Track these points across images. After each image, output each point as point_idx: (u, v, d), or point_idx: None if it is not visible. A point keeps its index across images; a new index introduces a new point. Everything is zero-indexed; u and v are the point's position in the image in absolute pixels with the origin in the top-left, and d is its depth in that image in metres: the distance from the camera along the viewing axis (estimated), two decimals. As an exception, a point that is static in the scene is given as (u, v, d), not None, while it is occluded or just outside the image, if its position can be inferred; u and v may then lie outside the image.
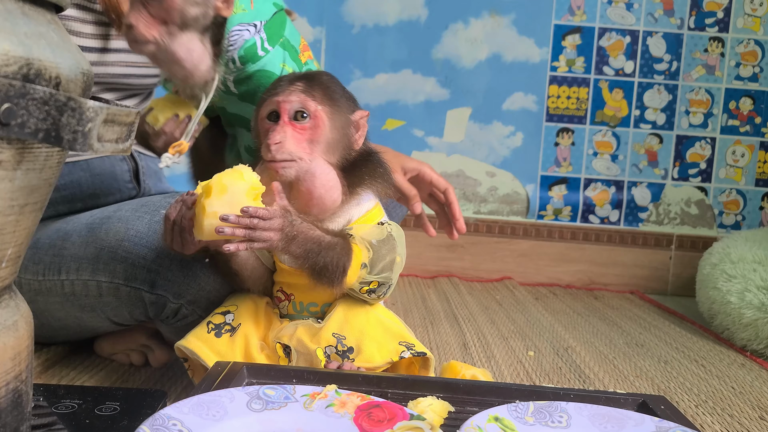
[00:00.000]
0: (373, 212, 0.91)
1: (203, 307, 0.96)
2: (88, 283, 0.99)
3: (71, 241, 1.01)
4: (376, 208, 0.92)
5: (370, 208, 0.91)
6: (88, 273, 0.98)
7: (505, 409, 0.69)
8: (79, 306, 1.02)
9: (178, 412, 0.63)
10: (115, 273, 0.96)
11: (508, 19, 2.14)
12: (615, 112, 2.17)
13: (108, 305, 1.00)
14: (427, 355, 0.89)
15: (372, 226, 0.89)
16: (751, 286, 1.56)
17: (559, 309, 1.82)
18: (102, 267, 0.97)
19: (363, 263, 0.85)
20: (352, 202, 0.89)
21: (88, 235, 1.00)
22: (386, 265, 0.87)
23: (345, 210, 0.89)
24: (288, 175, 0.84)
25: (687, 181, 2.20)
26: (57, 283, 1.02)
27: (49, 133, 0.45)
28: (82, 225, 1.03)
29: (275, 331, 0.89)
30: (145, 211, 0.97)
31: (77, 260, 0.99)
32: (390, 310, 0.96)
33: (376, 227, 0.89)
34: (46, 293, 1.03)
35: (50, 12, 0.54)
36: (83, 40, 1.11)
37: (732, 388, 1.24)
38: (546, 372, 1.26)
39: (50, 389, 0.86)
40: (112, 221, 0.99)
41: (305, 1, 2.11)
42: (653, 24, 2.15)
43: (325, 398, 0.69)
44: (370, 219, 0.90)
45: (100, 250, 0.97)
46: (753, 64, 2.15)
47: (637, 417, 0.71)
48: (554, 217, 2.20)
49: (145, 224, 0.96)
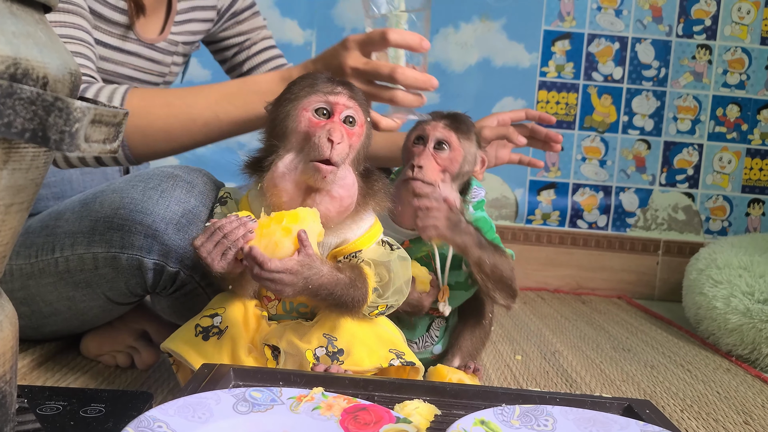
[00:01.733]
0: (375, 228, 0.91)
1: (200, 272, 0.96)
2: (84, 257, 0.99)
3: (64, 218, 1.02)
4: (376, 224, 0.92)
5: (372, 224, 0.91)
6: (84, 246, 0.98)
7: (491, 413, 0.69)
8: (74, 283, 1.01)
9: (164, 414, 0.62)
10: (112, 242, 0.96)
11: (498, 24, 2.15)
12: (603, 117, 2.19)
13: (104, 278, 0.99)
14: (416, 365, 0.89)
15: (377, 248, 0.89)
16: (736, 291, 1.57)
17: (546, 313, 1.83)
18: (98, 238, 0.97)
19: (374, 288, 0.87)
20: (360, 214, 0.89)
21: (82, 210, 1.00)
22: (397, 289, 0.89)
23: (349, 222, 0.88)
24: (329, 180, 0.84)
25: (674, 187, 2.21)
26: (51, 261, 1.01)
27: (36, 133, 0.45)
28: (75, 202, 1.03)
29: (263, 334, 0.89)
30: (139, 180, 0.98)
31: (72, 236, 0.99)
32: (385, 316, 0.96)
33: (383, 250, 0.89)
34: (38, 275, 1.03)
35: (38, 12, 0.54)
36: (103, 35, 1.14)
37: (717, 393, 1.24)
38: (533, 376, 1.26)
39: (35, 391, 0.85)
40: (105, 193, 0.99)
41: (296, 4, 2.11)
42: (642, 31, 2.16)
43: (312, 401, 0.69)
44: (373, 235, 0.90)
45: (96, 222, 0.97)
46: (740, 72, 2.17)
47: (622, 421, 0.71)
48: (543, 221, 2.21)
49: (140, 191, 0.96)
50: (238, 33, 1.42)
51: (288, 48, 1.60)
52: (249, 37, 1.43)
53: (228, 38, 1.42)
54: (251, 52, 1.44)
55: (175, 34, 1.28)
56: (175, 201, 0.95)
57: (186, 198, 0.95)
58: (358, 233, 0.89)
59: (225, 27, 1.41)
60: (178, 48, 1.31)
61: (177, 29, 1.28)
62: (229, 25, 1.41)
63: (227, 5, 1.37)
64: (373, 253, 0.88)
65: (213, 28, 1.39)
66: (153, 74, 1.30)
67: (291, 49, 1.51)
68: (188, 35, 1.32)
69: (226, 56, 1.45)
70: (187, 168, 1.00)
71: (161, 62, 1.29)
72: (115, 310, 1.07)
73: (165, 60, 1.30)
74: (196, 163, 1.56)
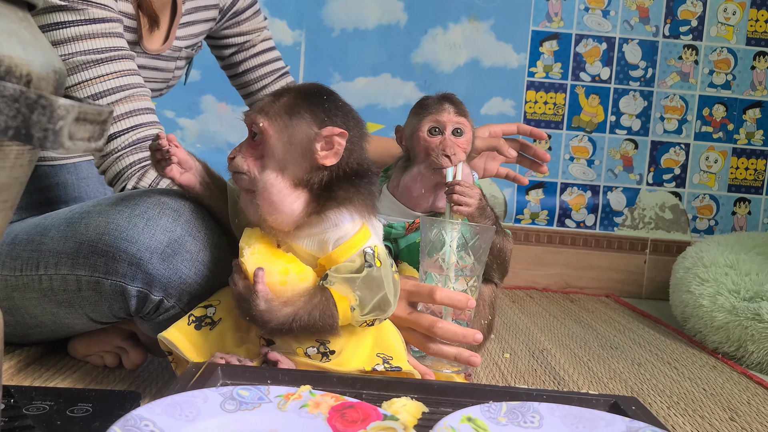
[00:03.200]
0: (357, 238, 0.87)
1: (185, 301, 0.95)
2: (67, 278, 0.98)
3: (50, 236, 1.01)
4: (361, 231, 0.88)
5: (355, 231, 0.87)
6: (68, 267, 0.98)
7: (478, 410, 0.69)
8: (57, 302, 1.01)
9: (151, 413, 0.62)
10: (96, 267, 0.95)
11: (486, 24, 2.16)
12: (591, 117, 2.20)
13: (87, 300, 0.99)
14: (402, 370, 0.89)
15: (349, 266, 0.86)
16: (722, 289, 1.58)
17: (535, 312, 1.84)
18: (82, 261, 0.96)
19: (351, 306, 0.85)
20: (325, 224, 0.87)
21: (67, 230, 0.99)
22: (376, 304, 0.86)
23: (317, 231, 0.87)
24: (245, 185, 0.88)
25: (661, 186, 2.23)
26: (35, 278, 1.01)
27: (19, 131, 0.45)
28: (60, 220, 1.02)
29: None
30: (126, 205, 0.97)
31: (56, 255, 0.99)
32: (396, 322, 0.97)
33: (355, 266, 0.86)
34: (22, 289, 1.02)
35: (22, 10, 0.54)
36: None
37: (703, 390, 1.25)
38: (521, 374, 1.27)
39: (22, 391, 0.85)
40: (92, 215, 0.98)
41: (285, 5, 2.11)
42: (629, 31, 2.17)
43: (299, 399, 0.69)
44: (353, 245, 0.87)
45: (80, 244, 0.97)
46: (726, 72, 2.19)
47: (608, 417, 0.71)
48: (531, 221, 2.22)
49: (126, 218, 0.95)
50: (238, 33, 1.42)
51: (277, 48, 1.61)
52: (249, 39, 1.43)
53: (228, 37, 1.42)
54: (249, 53, 1.44)
55: (178, 40, 1.28)
56: (160, 230, 0.93)
57: (172, 227, 0.94)
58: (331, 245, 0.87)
59: (226, 26, 1.41)
60: (182, 53, 1.32)
61: (180, 33, 1.28)
62: (230, 24, 1.41)
63: (229, 4, 1.37)
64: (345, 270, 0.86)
65: (215, 26, 1.38)
66: (157, 81, 1.30)
67: (280, 49, 1.51)
68: (191, 38, 1.32)
69: (224, 54, 1.45)
70: (175, 194, 0.98)
71: (165, 69, 1.30)
72: (100, 326, 1.07)
73: (169, 66, 1.30)
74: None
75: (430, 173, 1.12)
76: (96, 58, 1.06)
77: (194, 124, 2.13)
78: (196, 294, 0.96)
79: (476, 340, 1.01)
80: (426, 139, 1.13)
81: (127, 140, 1.07)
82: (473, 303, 1.00)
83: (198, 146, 2.12)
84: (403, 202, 1.16)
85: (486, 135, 1.34)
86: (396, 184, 1.17)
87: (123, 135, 1.07)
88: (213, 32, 1.40)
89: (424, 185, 1.13)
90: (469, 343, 1.01)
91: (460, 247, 1.01)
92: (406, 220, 1.14)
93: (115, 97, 1.07)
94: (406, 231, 1.13)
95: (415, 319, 1.00)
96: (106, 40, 1.07)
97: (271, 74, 1.46)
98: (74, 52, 1.05)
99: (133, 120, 1.08)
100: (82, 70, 1.05)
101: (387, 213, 1.14)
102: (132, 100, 1.08)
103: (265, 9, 2.08)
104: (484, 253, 1.04)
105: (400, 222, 1.13)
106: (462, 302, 0.99)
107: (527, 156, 1.38)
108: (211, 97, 2.11)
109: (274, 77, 1.47)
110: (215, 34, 1.41)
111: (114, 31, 1.09)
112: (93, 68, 1.06)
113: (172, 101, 2.06)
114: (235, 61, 1.44)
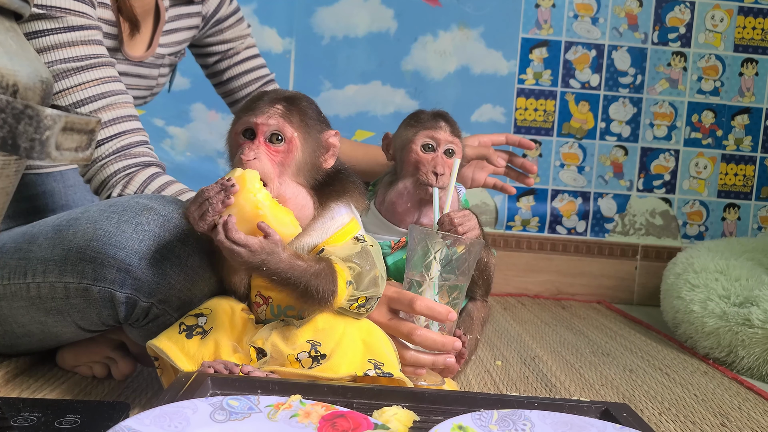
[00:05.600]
0: (349, 227, 0.93)
1: (174, 306, 0.95)
2: (55, 285, 0.97)
3: (37, 243, 1.00)
4: (352, 223, 0.93)
5: (345, 223, 0.92)
6: (55, 275, 0.97)
7: (470, 418, 0.69)
8: (45, 310, 1.00)
9: (140, 424, 0.62)
10: (84, 273, 0.95)
11: (476, 32, 2.16)
12: (581, 124, 2.21)
13: (75, 308, 0.98)
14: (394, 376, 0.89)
15: (344, 243, 0.91)
16: (713, 295, 1.59)
17: (526, 319, 1.84)
18: (70, 268, 0.96)
19: (348, 281, 0.88)
20: (326, 217, 0.91)
21: (55, 237, 0.99)
22: (371, 281, 0.90)
23: (319, 224, 0.91)
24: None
25: (652, 193, 2.24)
26: (22, 286, 1.00)
27: (6, 141, 0.44)
28: (48, 227, 1.01)
29: (250, 335, 0.90)
30: (113, 211, 0.96)
31: (44, 262, 0.98)
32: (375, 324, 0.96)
33: (350, 244, 0.91)
34: (10, 298, 1.01)
35: (9, 20, 0.53)
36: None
37: (695, 396, 1.26)
38: (513, 381, 1.26)
39: (9, 402, 0.84)
40: (79, 222, 0.97)
41: (275, 12, 2.11)
42: (618, 38, 2.19)
43: (290, 408, 0.68)
44: (347, 233, 0.92)
45: (68, 251, 0.96)
46: (714, 79, 2.20)
47: (599, 424, 0.71)
48: (522, 227, 2.22)
49: (114, 224, 0.94)
50: (221, 41, 1.42)
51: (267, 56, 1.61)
52: (232, 47, 1.43)
53: (211, 45, 1.42)
54: (233, 61, 1.44)
55: (161, 47, 1.28)
56: (149, 235, 0.93)
57: (160, 232, 0.94)
58: (329, 233, 0.91)
59: (209, 33, 1.40)
60: (165, 60, 1.31)
61: (163, 41, 1.27)
62: (213, 32, 1.41)
63: (212, 11, 1.37)
64: (339, 249, 0.90)
65: (198, 34, 1.38)
66: (141, 89, 1.30)
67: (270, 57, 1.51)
68: (174, 46, 1.32)
69: (208, 62, 1.45)
70: (163, 200, 0.98)
71: (148, 76, 1.29)
72: (88, 335, 1.06)
73: (152, 74, 1.30)
74: (176, 172, 1.56)
75: (416, 189, 1.13)
76: (76, 66, 1.06)
77: (184, 133, 2.12)
78: (186, 300, 0.95)
79: (455, 348, 1.01)
80: (419, 153, 1.13)
81: (112, 148, 1.06)
82: (454, 316, 0.99)
83: (188, 154, 2.12)
84: (388, 218, 1.16)
85: (476, 144, 1.34)
86: (382, 200, 1.18)
87: (107, 143, 1.06)
88: (196, 40, 1.40)
89: (410, 200, 1.14)
90: (448, 352, 1.01)
91: (444, 260, 1.01)
92: (392, 239, 1.14)
93: (98, 104, 1.07)
94: (392, 249, 1.13)
95: (395, 325, 0.99)
96: (85, 48, 1.07)
97: (256, 81, 1.46)
98: (54, 60, 1.05)
99: (117, 127, 1.07)
100: (63, 78, 1.06)
101: (373, 231, 1.14)
102: (115, 107, 1.08)
103: (255, 17, 2.08)
104: (470, 267, 1.04)
105: (386, 240, 1.13)
106: (442, 314, 0.99)
107: (514, 167, 1.39)
108: (201, 106, 2.11)
109: (259, 84, 1.47)
110: (198, 42, 1.41)
111: (93, 38, 1.09)
112: (74, 76, 1.06)
113: (161, 109, 2.05)
114: (219, 69, 1.44)
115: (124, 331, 1.04)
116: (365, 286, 0.90)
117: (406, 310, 1.00)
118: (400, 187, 1.15)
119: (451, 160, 1.13)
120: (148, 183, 1.07)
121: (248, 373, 0.84)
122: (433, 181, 1.11)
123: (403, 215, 1.15)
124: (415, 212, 1.14)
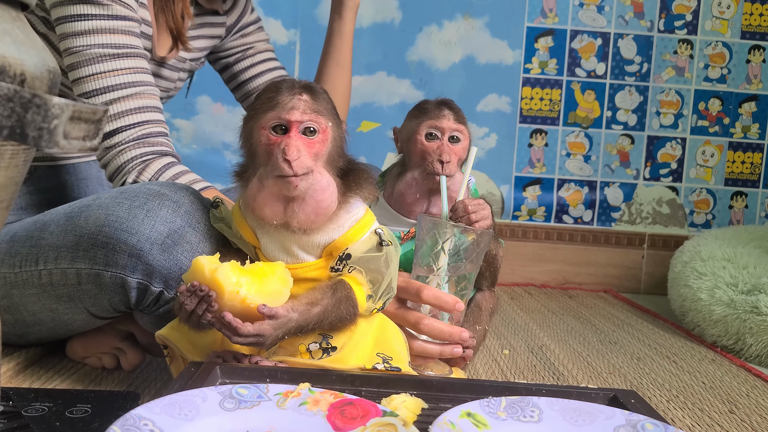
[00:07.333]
0: (365, 219, 0.91)
1: None
2: (67, 272, 0.98)
3: (49, 230, 1.01)
4: (367, 215, 0.92)
5: (362, 215, 0.91)
6: (67, 261, 0.98)
7: (478, 405, 0.69)
8: (56, 296, 1.01)
9: (150, 412, 0.62)
10: (96, 259, 0.95)
11: (481, 21, 2.16)
12: (587, 113, 2.20)
13: (87, 294, 0.98)
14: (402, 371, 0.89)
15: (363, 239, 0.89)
16: (720, 283, 1.58)
17: (533, 308, 1.84)
18: (82, 254, 0.96)
19: (368, 295, 0.88)
20: (344, 210, 0.90)
21: (66, 224, 0.99)
22: (387, 288, 0.90)
23: (338, 217, 0.89)
24: (302, 188, 0.84)
25: (658, 181, 2.23)
26: (34, 273, 1.00)
27: (14, 131, 0.45)
28: (60, 215, 1.02)
29: None
30: (125, 197, 0.97)
31: (55, 249, 0.99)
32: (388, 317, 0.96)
33: (373, 246, 0.89)
34: (22, 285, 1.02)
35: (16, 10, 0.53)
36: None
37: (702, 383, 1.26)
38: (521, 370, 1.27)
39: (20, 393, 0.84)
40: (91, 209, 0.98)
41: (280, 4, 2.11)
42: (624, 26, 2.18)
43: (299, 396, 0.69)
44: (364, 226, 0.90)
45: (80, 237, 0.97)
46: (721, 66, 2.19)
47: (607, 411, 0.71)
48: (529, 217, 2.22)
49: (125, 210, 0.95)
50: (242, 43, 1.45)
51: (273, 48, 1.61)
52: (252, 46, 1.46)
53: (231, 47, 1.45)
54: (255, 60, 1.46)
55: (184, 51, 1.29)
56: (160, 221, 0.94)
57: (172, 218, 0.94)
58: (346, 227, 0.89)
59: (230, 39, 1.43)
60: (185, 65, 1.33)
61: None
62: (234, 38, 1.44)
63: (235, 21, 1.40)
64: (362, 248, 0.89)
65: (219, 43, 1.40)
66: (159, 89, 1.31)
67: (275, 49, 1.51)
68: (197, 51, 1.33)
69: (228, 62, 1.46)
70: (174, 186, 0.98)
71: (168, 78, 1.31)
72: (99, 322, 1.07)
73: (172, 76, 1.31)
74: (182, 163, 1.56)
75: (424, 178, 1.12)
76: (113, 52, 1.08)
77: (189, 125, 2.12)
78: None
79: (463, 339, 1.01)
80: (423, 143, 1.13)
81: (133, 135, 1.08)
82: (461, 306, 0.99)
83: (194, 147, 2.12)
84: (397, 209, 1.16)
85: None
86: (390, 192, 1.17)
87: (129, 129, 1.08)
88: (217, 47, 1.43)
89: (419, 190, 1.14)
90: (455, 342, 1.01)
91: (453, 249, 1.01)
92: (401, 229, 1.14)
93: (126, 92, 1.09)
94: (401, 240, 1.13)
95: (402, 314, 1.00)
96: (124, 37, 1.09)
97: None
98: (91, 44, 1.07)
99: (141, 116, 1.09)
100: (96, 63, 1.07)
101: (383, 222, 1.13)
102: (142, 96, 1.10)
103: (260, 9, 2.08)
104: (479, 257, 1.04)
105: (396, 231, 1.13)
106: (449, 304, 0.99)
107: None
108: (206, 98, 2.11)
109: None
110: (218, 48, 1.44)
111: (133, 30, 1.11)
112: (108, 62, 1.08)
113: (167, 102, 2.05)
114: (240, 69, 1.46)
115: (135, 317, 1.05)
116: (383, 291, 0.90)
117: (413, 300, 1.00)
118: (408, 177, 1.14)
119: (458, 146, 1.13)
120: (163, 171, 1.08)
121: (257, 363, 0.85)
122: (440, 169, 1.10)
123: (412, 206, 1.14)
124: (423, 202, 1.14)
